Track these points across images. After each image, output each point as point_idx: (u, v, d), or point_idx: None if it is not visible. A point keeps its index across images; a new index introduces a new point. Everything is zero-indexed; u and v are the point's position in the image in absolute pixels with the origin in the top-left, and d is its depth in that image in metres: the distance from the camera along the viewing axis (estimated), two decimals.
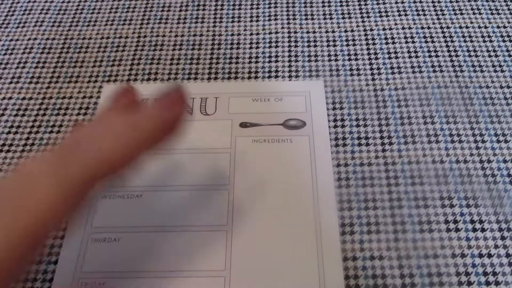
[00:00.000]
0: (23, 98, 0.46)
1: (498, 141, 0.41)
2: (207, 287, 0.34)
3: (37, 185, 0.25)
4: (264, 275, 0.34)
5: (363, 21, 0.51)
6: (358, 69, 0.47)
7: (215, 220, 0.37)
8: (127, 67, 0.48)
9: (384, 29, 0.50)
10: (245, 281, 0.34)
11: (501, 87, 0.45)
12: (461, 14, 0.51)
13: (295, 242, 0.36)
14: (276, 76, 0.47)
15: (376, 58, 0.48)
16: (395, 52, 0.48)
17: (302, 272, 0.34)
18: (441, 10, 0.51)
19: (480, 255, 0.35)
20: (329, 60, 0.48)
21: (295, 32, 0.50)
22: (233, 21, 0.51)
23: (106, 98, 0.45)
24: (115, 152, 0.27)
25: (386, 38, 0.49)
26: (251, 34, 0.50)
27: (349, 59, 0.48)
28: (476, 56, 0.47)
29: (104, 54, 0.50)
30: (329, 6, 0.52)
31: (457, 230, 0.36)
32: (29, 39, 0.51)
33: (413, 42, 0.49)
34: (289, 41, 0.49)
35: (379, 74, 0.46)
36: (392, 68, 0.47)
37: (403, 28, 0.50)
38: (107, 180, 0.27)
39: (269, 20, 0.51)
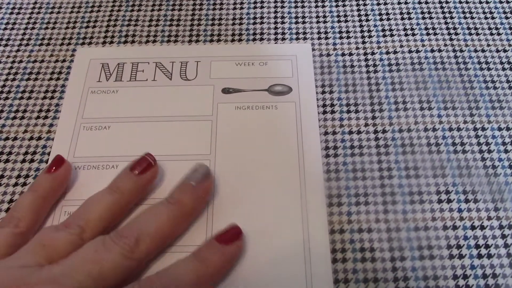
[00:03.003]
0: None
1: (493, 108, 0.39)
2: None
3: None
4: (248, 249, 0.33)
5: None
6: (347, 32, 0.44)
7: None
8: (103, 29, 0.45)
9: None
10: None
11: (497, 50, 0.43)
12: None
13: (280, 214, 0.34)
14: (261, 39, 0.44)
15: (367, 20, 0.45)
16: (387, 14, 0.45)
17: (287, 245, 0.33)
18: None
19: (473, 227, 0.34)
20: (317, 22, 0.45)
21: None
22: None
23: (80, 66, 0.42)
24: None
25: None
26: None
27: (339, 21, 0.45)
28: (472, 18, 0.45)
29: (78, 14, 0.47)
30: None
31: (448, 201, 0.35)
32: None
33: (406, 2, 0.46)
34: (275, 2, 0.47)
35: (370, 37, 0.44)
36: (383, 30, 0.44)
37: None
38: None
39: None
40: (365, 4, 0.46)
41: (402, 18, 0.45)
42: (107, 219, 0.32)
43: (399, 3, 0.46)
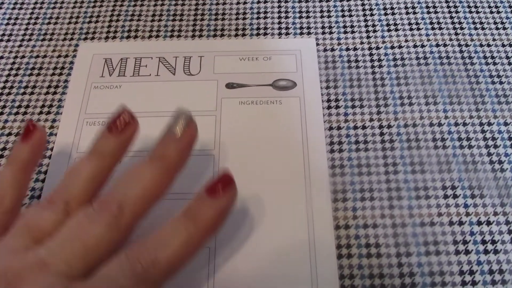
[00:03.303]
0: None
1: (499, 103, 0.39)
2: None
3: None
4: (253, 245, 0.33)
5: None
6: (352, 26, 0.44)
7: (198, 187, 0.35)
8: (106, 24, 0.45)
9: None
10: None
11: (503, 45, 0.42)
12: None
13: (284, 210, 0.34)
14: (265, 34, 0.44)
15: (372, 15, 0.45)
16: (392, 8, 0.45)
17: (292, 240, 0.33)
18: None
19: (479, 223, 0.34)
20: (322, 17, 0.45)
21: None
22: None
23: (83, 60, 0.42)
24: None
25: None
26: None
27: (343, 16, 0.45)
28: (477, 12, 0.45)
29: (81, 9, 0.46)
30: None
31: (454, 196, 0.35)
32: None
33: None
34: None
35: (375, 31, 0.43)
36: (388, 25, 0.44)
37: None
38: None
39: None
40: None
41: (407, 13, 0.45)
42: (92, 189, 0.30)
43: None
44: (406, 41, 0.43)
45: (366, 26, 0.44)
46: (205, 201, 0.28)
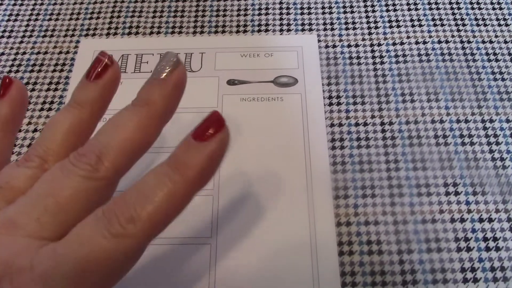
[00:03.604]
0: None
1: (501, 99, 0.39)
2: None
3: None
4: (254, 242, 0.33)
5: None
6: (354, 23, 0.44)
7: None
8: (107, 20, 0.45)
9: None
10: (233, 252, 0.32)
11: (505, 42, 0.42)
12: None
13: (286, 207, 0.34)
14: (267, 30, 0.44)
15: (373, 11, 0.45)
16: (394, 4, 0.45)
17: (293, 237, 0.33)
18: None
19: (481, 220, 0.33)
20: (323, 13, 0.45)
21: None
22: None
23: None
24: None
25: None
26: None
27: (345, 12, 0.45)
28: (480, 8, 0.44)
29: (82, 6, 0.46)
30: None
31: (456, 193, 0.35)
32: None
33: None
34: None
35: (376, 28, 0.43)
36: (390, 21, 0.44)
37: None
38: None
39: None
40: None
41: (409, 9, 0.44)
42: (71, 142, 0.26)
43: None
44: (408, 37, 0.42)
45: (368, 22, 0.44)
46: (192, 146, 0.24)
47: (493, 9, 0.44)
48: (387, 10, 0.44)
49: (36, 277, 0.21)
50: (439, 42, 0.42)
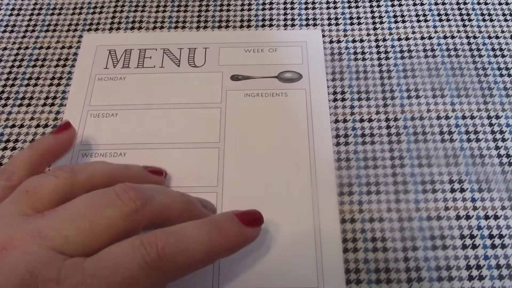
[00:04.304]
0: None
1: (507, 95, 0.38)
2: None
3: None
4: (258, 239, 0.32)
5: None
6: (358, 18, 0.43)
7: (206, 181, 0.35)
8: (109, 15, 0.45)
9: None
10: None
11: None
12: None
13: (290, 203, 0.34)
14: (271, 25, 0.43)
15: (378, 6, 0.44)
16: None
17: (297, 234, 0.32)
18: None
19: (486, 217, 0.33)
20: (328, 8, 0.44)
21: None
22: None
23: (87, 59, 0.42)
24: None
25: None
26: None
27: (349, 7, 0.44)
28: (486, 3, 0.44)
29: (85, 0, 0.46)
30: None
31: (462, 190, 0.34)
32: None
33: None
34: None
35: (381, 23, 0.43)
36: (395, 16, 0.43)
37: None
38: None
39: None
40: None
41: (414, 4, 0.44)
42: (105, 176, 0.29)
43: None
44: (414, 33, 0.42)
45: (373, 17, 0.43)
46: (233, 220, 0.28)
47: (500, 4, 0.44)
48: (392, 5, 0.44)
49: None
50: (445, 37, 0.42)
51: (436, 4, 0.44)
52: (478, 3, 0.44)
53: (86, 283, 0.22)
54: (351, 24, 0.43)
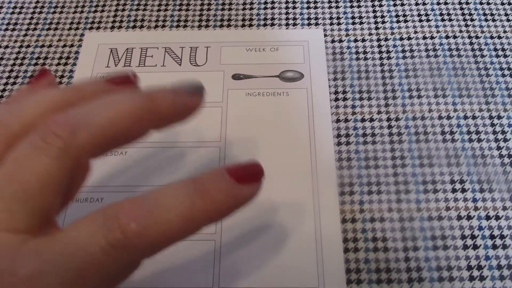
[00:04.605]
0: None
1: (509, 96, 0.38)
2: None
3: None
4: (259, 239, 0.32)
5: None
6: (360, 17, 0.43)
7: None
8: (111, 13, 0.44)
9: None
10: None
11: None
12: None
13: (291, 203, 0.34)
14: (272, 24, 0.43)
15: (381, 5, 0.44)
16: None
17: (298, 234, 0.32)
18: None
19: (487, 217, 0.33)
20: (330, 7, 0.44)
21: None
22: None
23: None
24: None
25: None
26: None
27: (351, 6, 0.44)
28: (488, 3, 0.44)
29: None
30: None
31: (463, 190, 0.34)
32: None
33: None
34: None
35: (383, 22, 0.43)
36: (397, 16, 0.43)
37: None
38: None
39: None
40: None
41: (417, 4, 0.44)
42: (56, 104, 0.23)
43: None
44: (415, 32, 0.42)
45: (375, 17, 0.43)
46: (222, 178, 0.22)
47: (502, 4, 0.44)
48: (395, 5, 0.44)
49: (19, 280, 0.19)
50: (447, 37, 0.42)
51: (438, 3, 0.44)
52: (481, 3, 0.44)
53: (43, 270, 0.19)
54: (353, 23, 0.43)
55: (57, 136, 0.20)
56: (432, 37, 0.42)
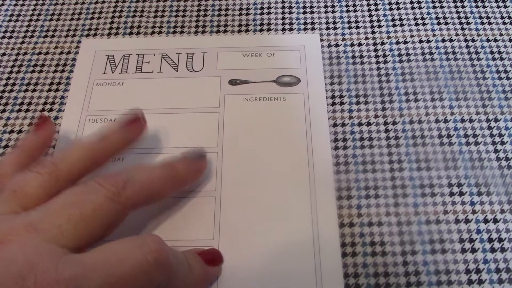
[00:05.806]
0: None
1: (506, 99, 0.38)
2: None
3: None
4: (257, 243, 0.32)
5: None
6: (356, 21, 0.43)
7: (204, 185, 0.35)
8: (108, 20, 0.45)
9: None
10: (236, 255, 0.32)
11: (510, 40, 0.42)
12: None
13: (288, 208, 0.33)
14: (269, 29, 0.43)
15: (377, 10, 0.44)
16: (397, 3, 0.44)
17: (296, 238, 0.32)
18: None
19: (485, 221, 0.33)
20: (326, 12, 0.44)
21: None
22: None
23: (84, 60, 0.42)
24: None
25: None
26: None
27: (347, 11, 0.44)
28: (484, 6, 0.44)
29: (83, 6, 0.46)
30: None
31: (461, 194, 0.34)
32: None
33: None
34: None
35: (380, 26, 0.43)
36: (393, 20, 0.43)
37: None
38: None
39: None
40: None
41: (413, 8, 0.44)
42: (87, 160, 0.29)
43: None
44: (412, 36, 0.42)
45: (371, 21, 0.43)
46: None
47: (498, 7, 0.44)
48: (391, 9, 0.44)
49: (62, 279, 0.22)
50: (443, 40, 0.42)
51: (434, 7, 0.44)
52: (477, 7, 0.44)
53: (86, 275, 0.23)
54: (349, 28, 0.43)
55: (113, 185, 0.27)
56: (428, 41, 0.42)
